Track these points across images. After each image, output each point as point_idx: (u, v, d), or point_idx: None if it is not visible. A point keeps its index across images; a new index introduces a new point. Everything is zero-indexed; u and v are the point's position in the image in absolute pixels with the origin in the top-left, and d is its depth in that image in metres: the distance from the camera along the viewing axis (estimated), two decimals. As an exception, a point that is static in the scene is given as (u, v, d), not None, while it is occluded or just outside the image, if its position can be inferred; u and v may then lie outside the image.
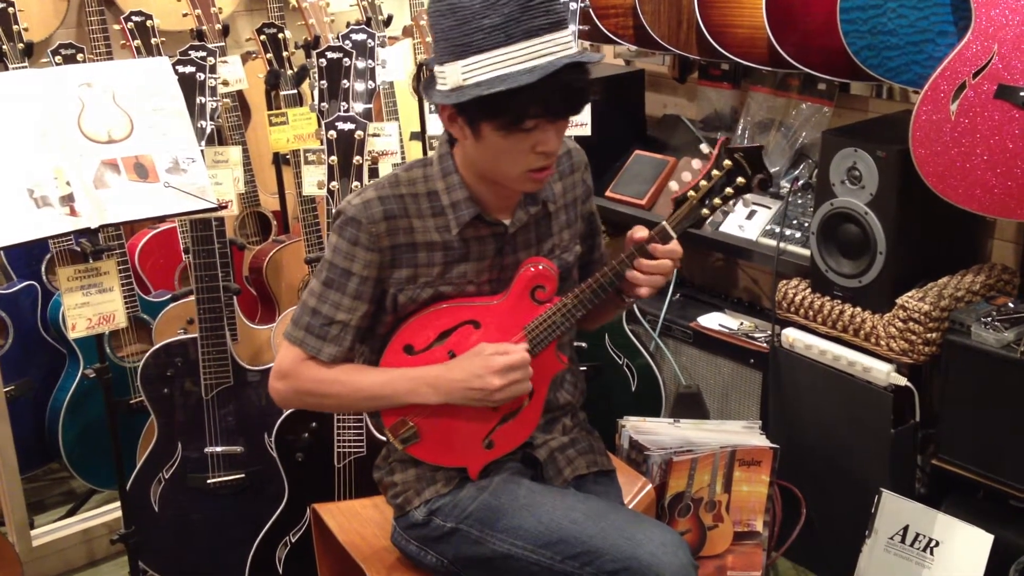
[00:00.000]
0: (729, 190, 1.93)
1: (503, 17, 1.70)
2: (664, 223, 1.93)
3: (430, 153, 2.00)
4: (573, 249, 2.09)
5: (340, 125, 2.56)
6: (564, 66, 1.72)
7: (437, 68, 1.80)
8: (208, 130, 2.74)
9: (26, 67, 3.16)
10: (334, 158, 2.56)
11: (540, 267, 1.97)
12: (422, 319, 1.96)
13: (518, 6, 1.70)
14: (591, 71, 1.81)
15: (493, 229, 1.96)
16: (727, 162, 1.92)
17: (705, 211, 1.94)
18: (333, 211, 2.56)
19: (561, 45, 1.74)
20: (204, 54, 2.76)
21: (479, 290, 1.99)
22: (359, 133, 2.56)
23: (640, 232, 1.95)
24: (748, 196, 3.12)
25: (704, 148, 2.10)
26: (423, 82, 1.88)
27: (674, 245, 1.93)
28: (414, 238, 1.93)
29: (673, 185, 1.88)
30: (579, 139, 2.86)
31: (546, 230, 2.04)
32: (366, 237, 1.89)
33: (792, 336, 2.81)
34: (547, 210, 2.03)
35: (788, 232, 2.96)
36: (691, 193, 1.94)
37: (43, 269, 3.52)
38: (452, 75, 1.76)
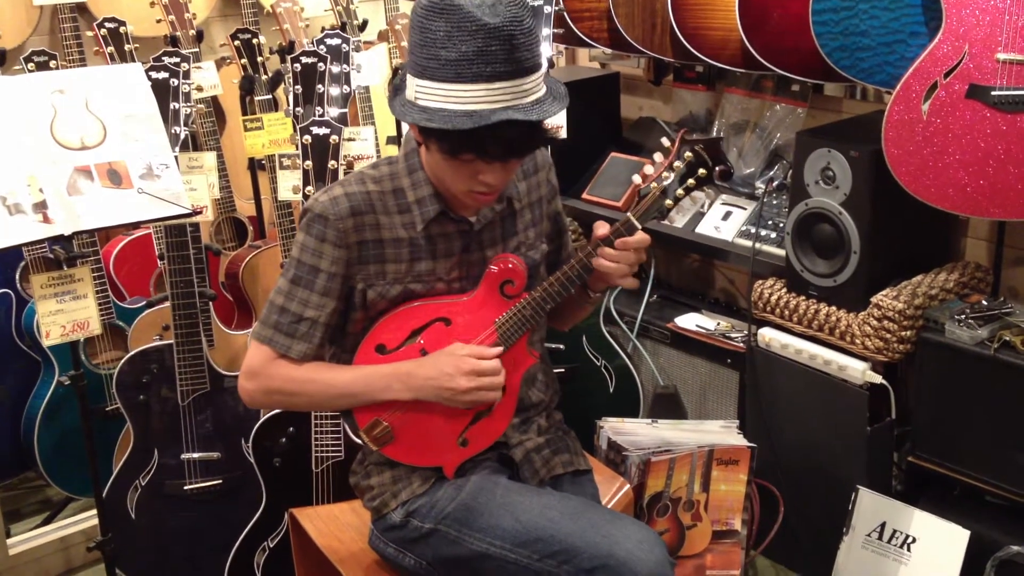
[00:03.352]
0: (691, 181, 1.97)
1: (458, 55, 1.70)
2: (628, 214, 1.96)
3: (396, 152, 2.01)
4: (539, 247, 2.10)
5: (315, 130, 2.56)
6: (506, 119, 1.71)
7: (407, 75, 1.82)
8: (182, 136, 2.73)
9: (-1, 74, 3.14)
10: (309, 163, 2.56)
11: (509, 264, 1.99)
12: (393, 318, 1.97)
13: (475, 48, 1.70)
14: (539, 124, 1.78)
15: (459, 226, 1.98)
16: (688, 154, 1.96)
17: (668, 202, 1.98)
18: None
19: (514, 93, 1.73)
20: (178, 60, 2.75)
21: (448, 288, 2.00)
22: (334, 137, 2.55)
23: (603, 228, 1.97)
24: (723, 196, 3.14)
25: (665, 141, 2.11)
26: (395, 85, 1.89)
27: (639, 235, 1.95)
28: (381, 234, 1.93)
29: (636, 178, 1.89)
30: (554, 142, 2.87)
31: (511, 228, 2.05)
32: (333, 233, 1.90)
33: (768, 336, 2.82)
34: (512, 208, 2.04)
35: (763, 232, 2.97)
36: (654, 185, 1.98)
37: (17, 277, 3.49)
38: (410, 88, 1.79)
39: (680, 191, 1.97)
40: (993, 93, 2.25)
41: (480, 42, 1.69)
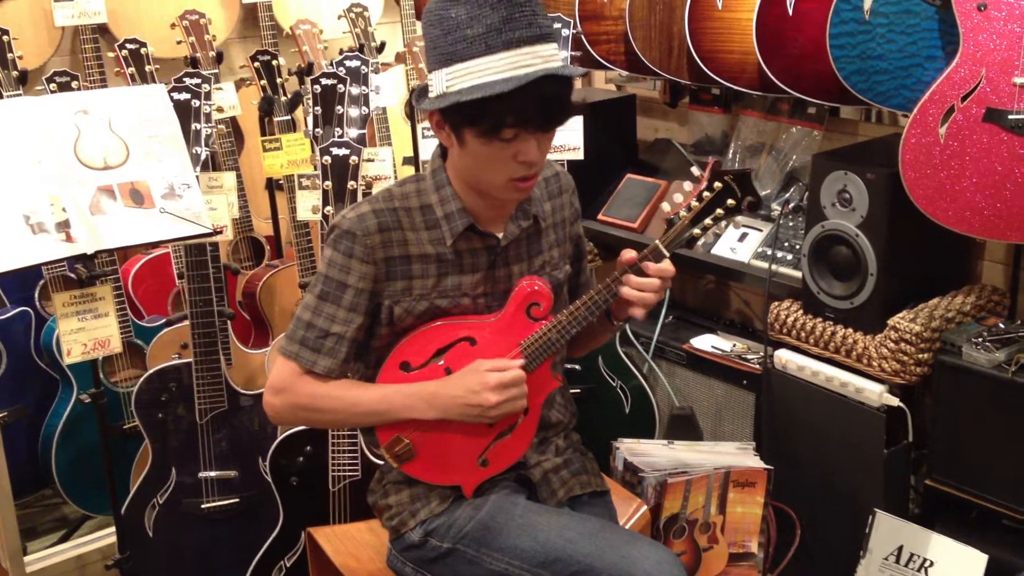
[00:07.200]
0: (719, 211, 1.97)
1: (485, 28, 1.74)
2: (657, 242, 1.96)
3: (422, 169, 2.03)
4: (563, 268, 2.11)
5: (334, 150, 2.58)
6: (542, 78, 1.75)
7: (429, 77, 1.84)
8: (203, 156, 2.75)
9: (20, 95, 3.17)
10: (328, 183, 2.58)
11: (536, 286, 1.99)
12: (418, 336, 1.98)
13: (499, 18, 1.74)
14: (572, 84, 1.84)
15: (486, 242, 1.99)
16: (717, 184, 1.96)
17: (696, 231, 1.97)
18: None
19: (543, 57, 1.77)
20: (198, 81, 2.78)
21: (474, 304, 2.00)
22: (353, 158, 2.57)
23: (629, 254, 1.97)
24: (739, 219, 3.14)
25: (695, 171, 2.13)
26: (417, 92, 1.92)
27: (666, 264, 1.96)
28: (408, 250, 1.95)
29: (665, 206, 1.90)
30: (571, 163, 2.90)
31: (537, 246, 2.06)
32: (361, 249, 1.91)
33: (785, 357, 2.82)
34: (538, 226, 2.05)
35: (780, 254, 2.98)
36: (682, 214, 1.98)
37: (36, 295, 3.52)
38: (438, 82, 1.81)
39: (708, 221, 1.97)
40: (1010, 117, 2.26)
41: (503, 11, 1.74)
